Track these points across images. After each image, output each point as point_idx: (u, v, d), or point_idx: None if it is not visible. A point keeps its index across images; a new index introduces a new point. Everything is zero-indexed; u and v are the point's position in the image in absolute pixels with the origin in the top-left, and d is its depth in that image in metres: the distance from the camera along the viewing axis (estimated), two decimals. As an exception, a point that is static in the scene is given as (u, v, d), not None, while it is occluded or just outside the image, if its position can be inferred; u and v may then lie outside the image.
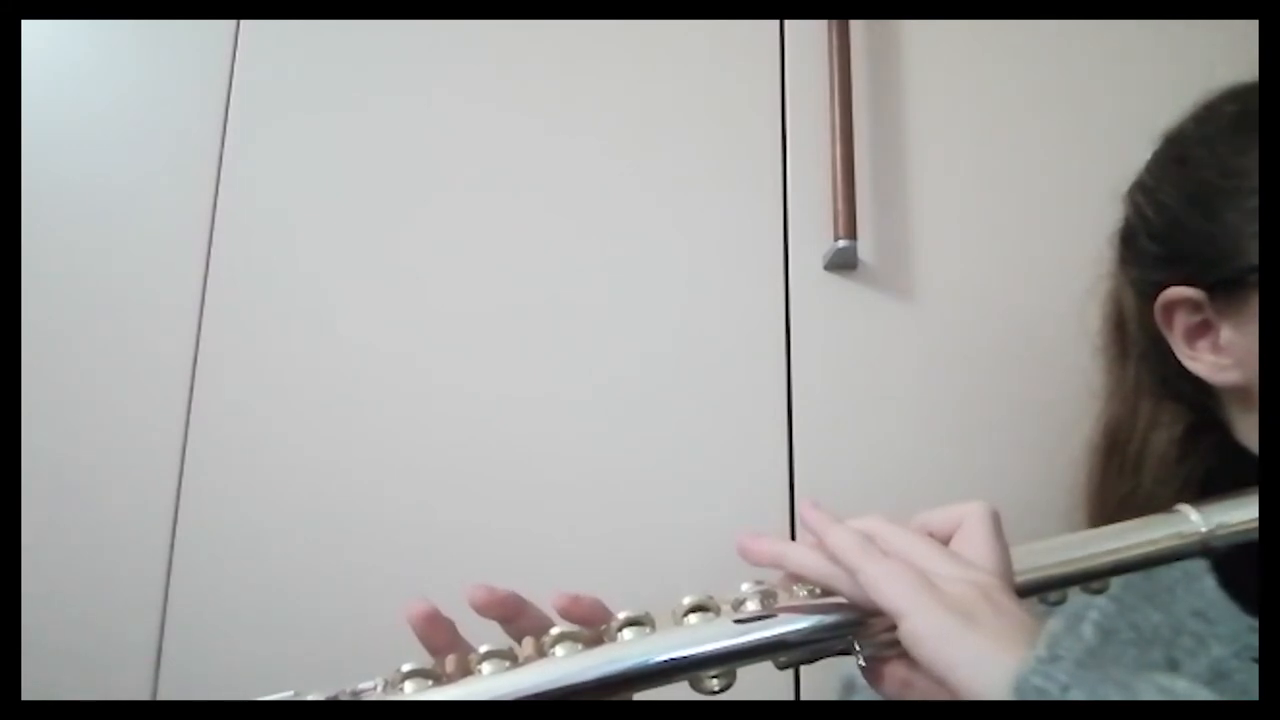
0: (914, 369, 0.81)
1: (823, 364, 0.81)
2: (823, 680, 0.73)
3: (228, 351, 0.83)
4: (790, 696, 0.75)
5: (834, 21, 0.83)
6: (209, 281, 0.85)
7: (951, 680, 0.38)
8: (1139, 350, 0.63)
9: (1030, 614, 0.41)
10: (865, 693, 0.62)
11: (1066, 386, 0.74)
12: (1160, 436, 0.61)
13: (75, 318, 0.84)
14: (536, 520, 0.79)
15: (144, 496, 0.80)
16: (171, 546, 0.80)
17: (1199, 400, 0.60)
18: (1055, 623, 0.40)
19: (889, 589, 0.41)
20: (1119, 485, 0.62)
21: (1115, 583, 0.56)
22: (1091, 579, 0.48)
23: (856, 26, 0.85)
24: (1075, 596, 0.56)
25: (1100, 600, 0.56)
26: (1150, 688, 0.35)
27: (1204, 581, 0.54)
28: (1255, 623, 0.51)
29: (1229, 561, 0.53)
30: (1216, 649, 0.51)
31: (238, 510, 0.80)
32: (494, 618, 0.49)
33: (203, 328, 0.84)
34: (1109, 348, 0.67)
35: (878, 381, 0.81)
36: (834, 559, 0.44)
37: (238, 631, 0.78)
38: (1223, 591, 0.53)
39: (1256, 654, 0.50)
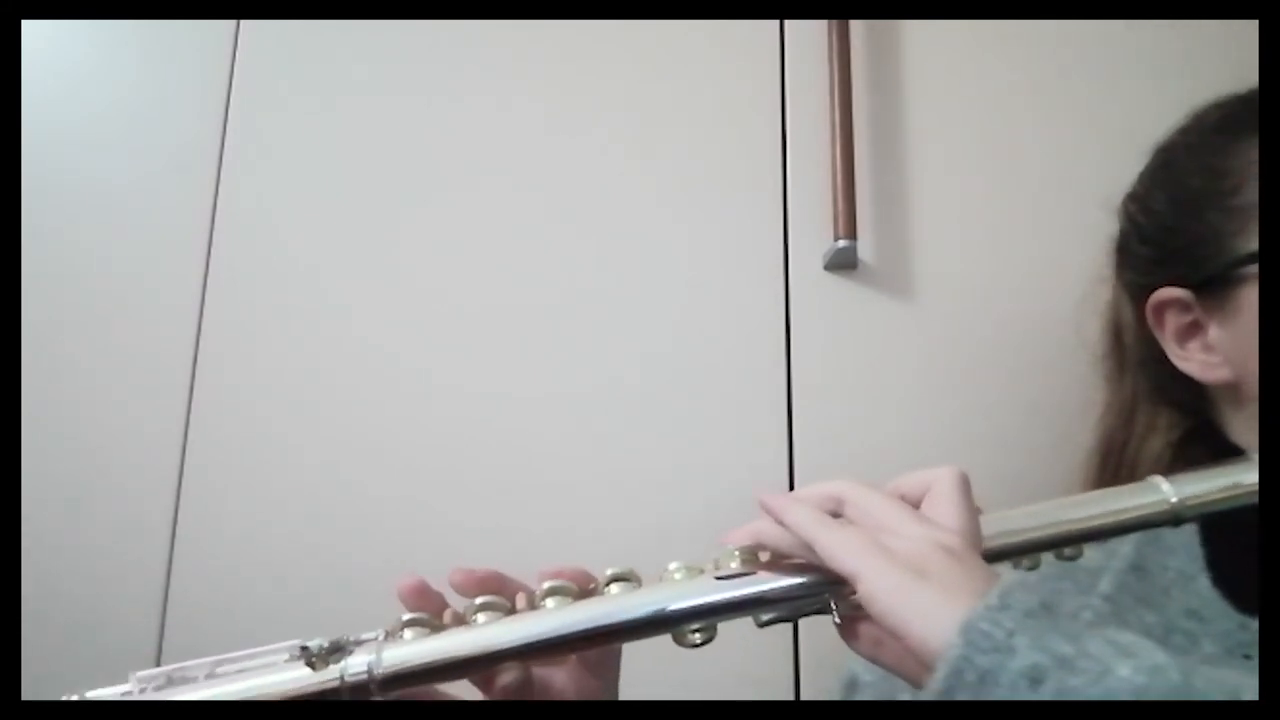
0: (914, 369, 0.81)
1: (823, 364, 0.81)
2: (823, 680, 0.74)
3: (228, 351, 0.83)
4: (790, 696, 0.75)
5: (834, 21, 0.83)
6: (209, 281, 0.85)
7: (904, 634, 0.39)
8: (1137, 358, 0.64)
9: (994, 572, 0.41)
10: (867, 692, 0.62)
11: (1066, 386, 0.74)
12: (1156, 442, 0.62)
13: (75, 318, 0.84)
14: (538, 519, 0.79)
15: (144, 496, 0.80)
16: (171, 546, 0.80)
17: (1194, 405, 0.61)
18: (1010, 576, 0.41)
19: (842, 554, 0.42)
20: None
21: (1109, 584, 0.57)
22: (1063, 545, 0.49)
23: (856, 26, 0.85)
24: (1070, 599, 0.56)
25: (1095, 601, 0.56)
26: (1098, 640, 0.36)
27: (1198, 582, 0.55)
28: (1246, 620, 0.52)
29: (1224, 561, 0.54)
30: (1208, 646, 0.51)
31: (238, 510, 0.80)
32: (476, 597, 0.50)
33: (203, 328, 0.84)
34: (1107, 357, 0.68)
35: (878, 381, 0.81)
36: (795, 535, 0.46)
37: (238, 631, 0.78)
38: (1216, 591, 0.54)
39: (1247, 651, 0.50)
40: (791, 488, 0.79)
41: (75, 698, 0.48)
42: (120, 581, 0.79)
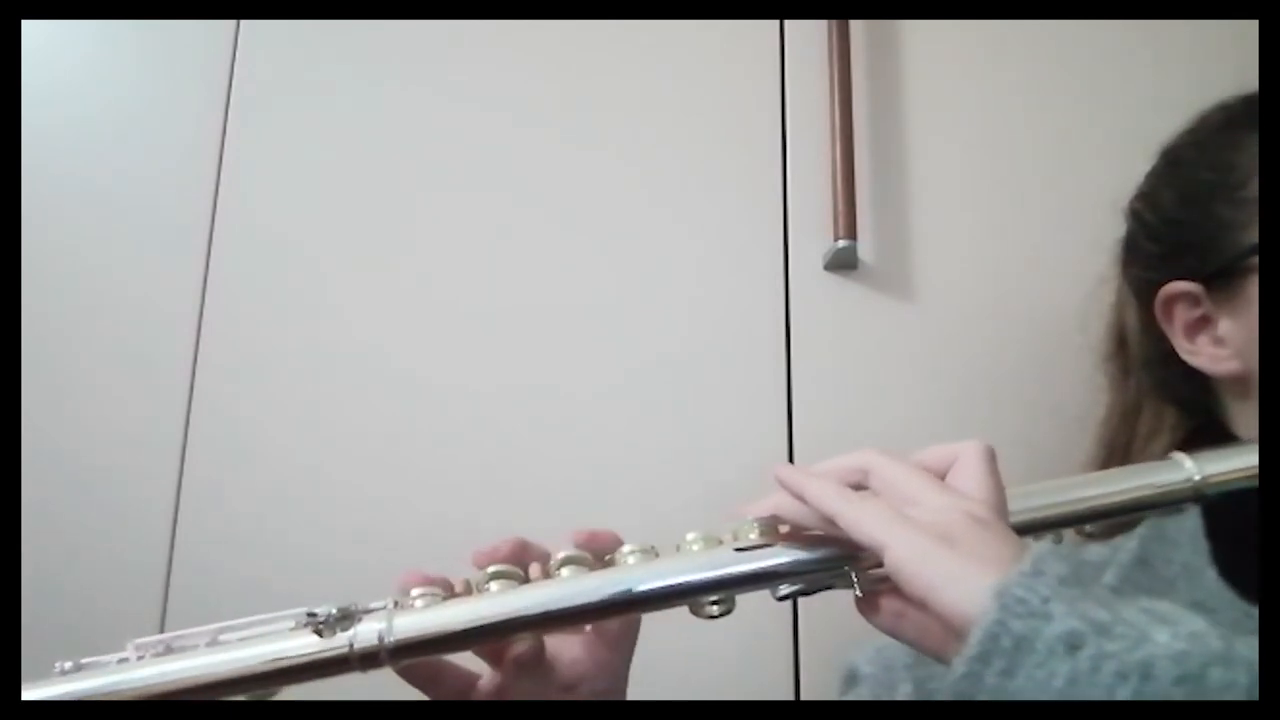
0: (914, 369, 0.81)
1: (823, 364, 0.81)
2: (823, 680, 0.74)
3: (228, 351, 0.83)
4: (790, 696, 0.75)
5: (834, 21, 0.84)
6: (209, 281, 0.85)
7: (933, 600, 0.38)
8: (1141, 358, 0.64)
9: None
10: (867, 685, 0.62)
11: (1066, 387, 0.74)
12: (1160, 443, 0.62)
13: (75, 318, 0.84)
14: (539, 520, 0.79)
15: (144, 496, 0.80)
16: (171, 546, 0.80)
17: (1200, 403, 0.61)
18: (1041, 545, 0.40)
19: (867, 525, 0.41)
20: None
21: (1115, 576, 0.57)
22: (1084, 521, 0.49)
23: (856, 26, 0.85)
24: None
25: (1099, 593, 0.56)
26: (1133, 607, 0.35)
27: (1205, 574, 0.55)
28: (1253, 610, 0.52)
29: (1231, 552, 0.54)
30: None
31: (237, 509, 0.80)
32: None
33: (203, 328, 0.84)
34: (1111, 358, 0.68)
35: (878, 381, 0.81)
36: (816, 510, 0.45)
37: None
38: (1223, 582, 0.54)
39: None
40: (791, 488, 0.79)
41: (69, 664, 0.46)
42: (120, 581, 0.79)
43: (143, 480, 0.81)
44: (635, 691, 0.55)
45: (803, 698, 0.75)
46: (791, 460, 0.79)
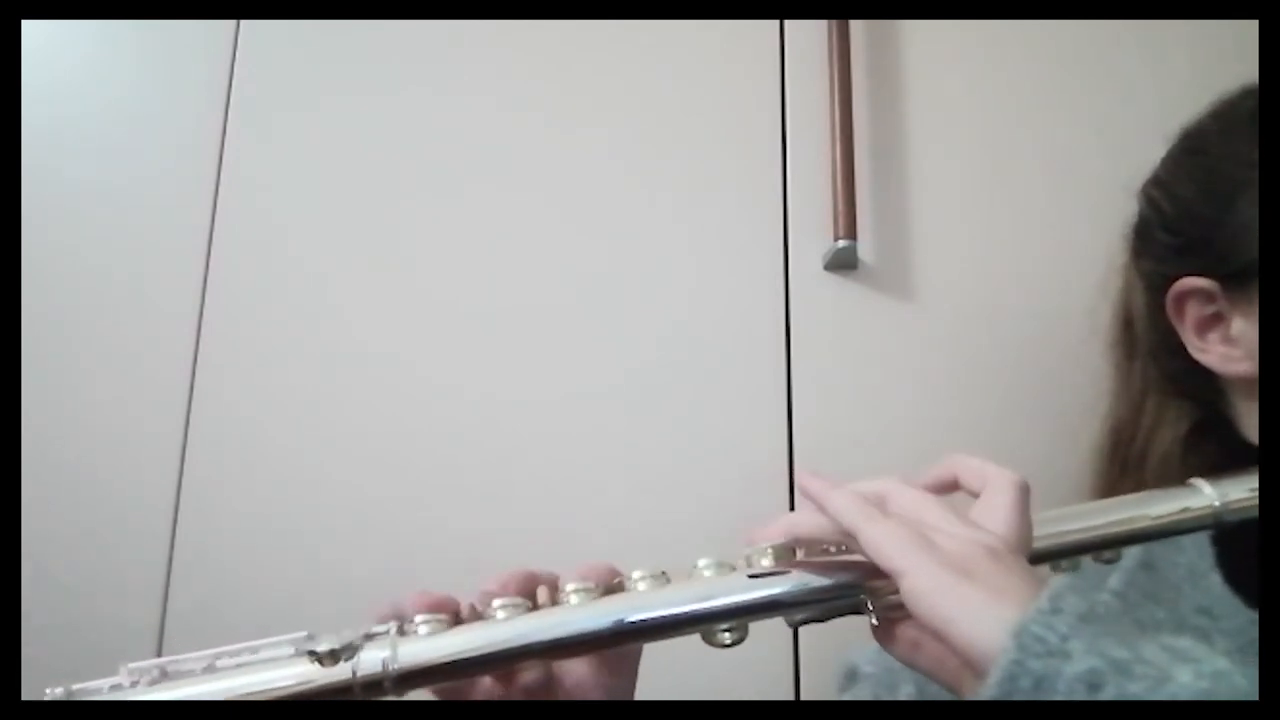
0: (914, 369, 0.81)
1: (823, 364, 0.81)
2: (823, 680, 0.74)
3: (228, 351, 0.83)
4: (790, 696, 0.75)
5: (834, 21, 0.84)
6: (209, 281, 0.85)
7: (949, 634, 0.37)
8: (1147, 348, 0.63)
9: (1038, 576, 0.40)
10: (868, 684, 0.62)
11: (1067, 385, 0.74)
12: (1164, 435, 0.61)
13: (75, 318, 0.84)
14: (536, 520, 0.79)
15: (144, 496, 0.80)
16: (171, 546, 0.80)
17: (1206, 397, 0.60)
18: (1060, 580, 0.39)
19: (887, 548, 0.41)
20: (1122, 485, 0.62)
21: (1119, 580, 0.56)
22: (1103, 548, 0.48)
23: (856, 26, 0.85)
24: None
25: (1104, 596, 0.56)
26: (1153, 645, 0.35)
27: (1210, 579, 0.54)
28: (1256, 615, 0.51)
29: (1235, 557, 0.54)
30: (1220, 643, 0.51)
31: (237, 510, 0.80)
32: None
33: (203, 328, 0.84)
34: (1117, 347, 0.67)
35: (878, 381, 0.81)
36: (836, 522, 0.44)
37: (238, 634, 0.78)
38: (1228, 587, 0.53)
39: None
40: (791, 488, 0.79)
41: (59, 690, 0.45)
42: (120, 582, 0.79)
43: (143, 480, 0.81)
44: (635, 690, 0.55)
45: (803, 698, 0.75)
46: (791, 461, 0.79)
